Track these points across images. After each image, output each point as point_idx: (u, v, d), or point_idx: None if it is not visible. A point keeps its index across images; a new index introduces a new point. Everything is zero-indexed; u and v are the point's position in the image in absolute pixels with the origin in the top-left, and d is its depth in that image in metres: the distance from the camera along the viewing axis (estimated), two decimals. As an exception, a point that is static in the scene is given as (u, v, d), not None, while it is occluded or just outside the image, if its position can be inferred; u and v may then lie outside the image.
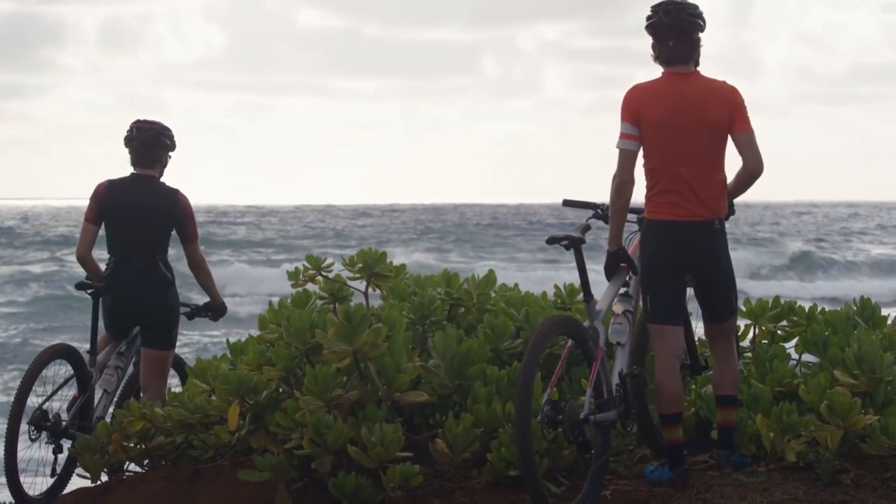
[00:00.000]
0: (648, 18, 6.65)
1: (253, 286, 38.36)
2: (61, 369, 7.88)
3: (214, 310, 8.52)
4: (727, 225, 6.68)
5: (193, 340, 23.87)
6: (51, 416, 7.75)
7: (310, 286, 7.92)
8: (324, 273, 7.95)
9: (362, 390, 6.87)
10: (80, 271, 8.24)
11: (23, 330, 28.51)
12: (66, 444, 7.76)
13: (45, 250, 52.52)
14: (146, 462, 7.47)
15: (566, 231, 6.56)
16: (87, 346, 8.06)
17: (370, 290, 7.94)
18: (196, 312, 8.55)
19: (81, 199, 8.30)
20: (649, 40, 6.67)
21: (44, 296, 35.28)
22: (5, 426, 7.51)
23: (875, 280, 46.18)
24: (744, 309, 7.62)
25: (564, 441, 6.40)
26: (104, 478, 7.56)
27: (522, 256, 54.65)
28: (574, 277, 6.91)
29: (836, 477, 6.57)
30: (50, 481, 7.77)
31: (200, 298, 8.73)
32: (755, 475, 6.63)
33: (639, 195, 6.66)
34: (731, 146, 6.57)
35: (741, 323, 7.46)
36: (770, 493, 6.36)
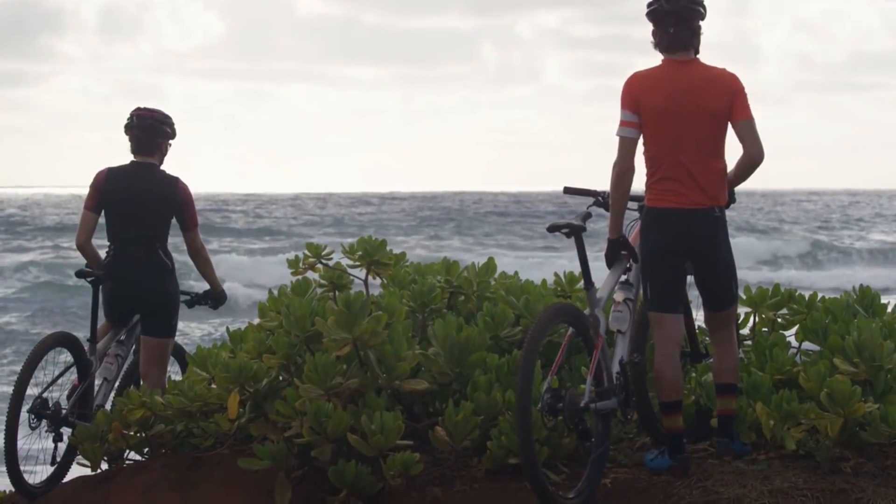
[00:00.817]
0: (649, 5, 6.63)
1: (252, 275, 38.35)
2: (61, 356, 7.87)
3: (214, 298, 8.52)
4: (727, 213, 6.66)
5: (192, 328, 23.87)
6: (51, 405, 7.74)
7: (309, 274, 7.92)
8: (324, 261, 7.95)
9: (362, 378, 6.87)
10: (80, 259, 8.23)
11: (22, 318, 28.52)
12: (67, 432, 7.76)
13: (44, 238, 52.52)
14: (146, 450, 7.47)
15: (567, 219, 6.55)
16: (87, 334, 8.05)
17: (370, 278, 7.94)
18: (196, 300, 8.54)
19: (81, 187, 8.29)
20: (649, 27, 6.65)
21: (43, 284, 35.28)
22: (5, 414, 7.50)
23: (879, 268, 46.16)
24: (744, 297, 7.61)
25: (564, 429, 6.39)
26: (104, 466, 7.56)
27: (522, 244, 54.64)
28: (574, 265, 6.90)
29: (836, 465, 6.56)
30: (50, 469, 7.77)
31: (200, 286, 8.72)
32: (755, 463, 6.62)
33: (639, 183, 6.66)
34: (731, 134, 6.56)
35: (741, 311, 7.45)
36: (770, 481, 6.35)
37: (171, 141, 8.33)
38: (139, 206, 8.07)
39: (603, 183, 6.83)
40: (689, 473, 6.51)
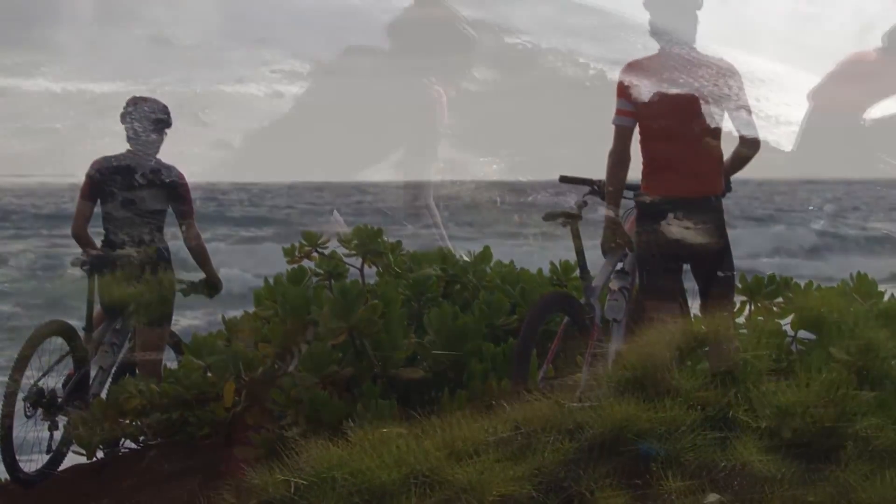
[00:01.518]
0: (646, -6, 6.63)
1: (248, 263, 38.33)
2: (57, 342, 7.86)
3: (210, 287, 8.51)
4: (723, 201, 6.66)
5: (187, 316, 23.86)
6: (46, 393, 7.74)
7: (305, 263, 7.91)
8: (320, 250, 7.94)
9: (358, 367, 6.86)
10: (76, 248, 8.22)
11: (17, 306, 28.50)
12: (62, 420, 7.75)
13: (40, 227, 52.47)
14: (141, 439, 7.47)
15: (563, 207, 6.54)
16: (83, 322, 8.04)
17: (366, 266, 7.93)
18: (192, 289, 8.52)
19: (77, 177, 8.28)
20: (647, 16, 6.64)
21: (38, 272, 35.25)
22: (1, 403, 7.49)
23: (876, 257, 46.15)
24: (740, 285, 7.60)
25: (560, 418, 6.38)
26: (99, 454, 7.56)
27: (519, 232, 54.61)
28: (570, 254, 6.90)
29: (831, 453, 6.56)
30: (45, 458, 7.77)
31: (196, 275, 8.69)
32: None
33: (635, 171, 6.65)
34: (728, 124, 6.55)
35: (737, 299, 7.44)
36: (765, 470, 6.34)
37: (166, 130, 8.32)
38: (134, 195, 8.06)
39: (599, 172, 6.83)
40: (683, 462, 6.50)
